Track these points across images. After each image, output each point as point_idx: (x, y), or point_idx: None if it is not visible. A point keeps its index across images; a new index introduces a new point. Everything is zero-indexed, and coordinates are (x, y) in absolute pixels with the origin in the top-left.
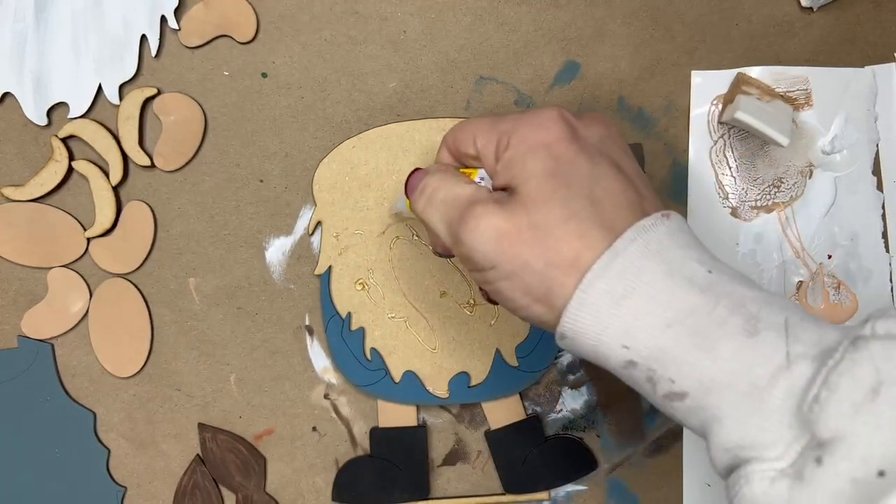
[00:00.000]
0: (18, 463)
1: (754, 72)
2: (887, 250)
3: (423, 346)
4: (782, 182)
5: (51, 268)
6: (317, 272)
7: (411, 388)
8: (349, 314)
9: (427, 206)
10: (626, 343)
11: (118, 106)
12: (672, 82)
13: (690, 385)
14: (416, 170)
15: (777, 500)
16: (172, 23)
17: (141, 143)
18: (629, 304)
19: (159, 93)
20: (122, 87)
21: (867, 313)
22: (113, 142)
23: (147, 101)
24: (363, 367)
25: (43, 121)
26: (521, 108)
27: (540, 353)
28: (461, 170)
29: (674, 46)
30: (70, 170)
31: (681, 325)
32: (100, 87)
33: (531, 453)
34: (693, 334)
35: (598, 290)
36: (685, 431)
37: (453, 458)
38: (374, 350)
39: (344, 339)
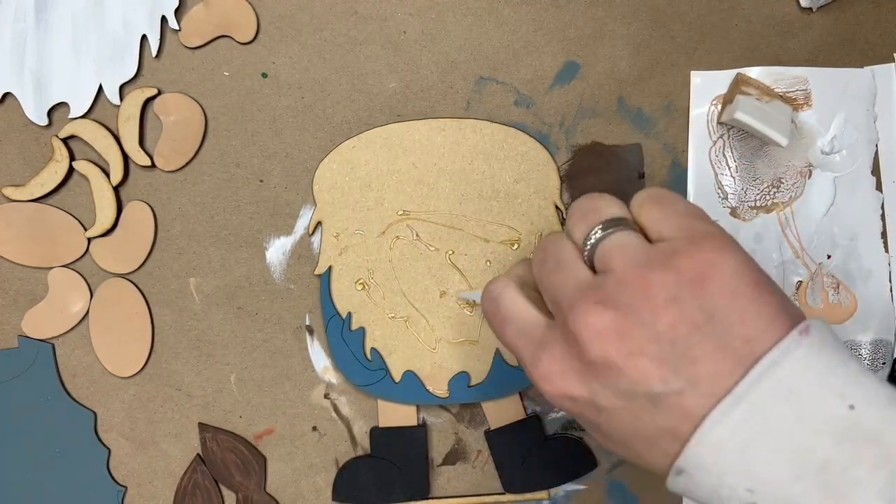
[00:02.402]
0: (18, 463)
1: (754, 72)
2: (886, 250)
3: (423, 346)
4: (782, 182)
5: (51, 268)
6: (317, 272)
7: (411, 388)
8: (349, 314)
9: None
10: (751, 487)
11: (118, 106)
12: (672, 82)
13: None
14: None
15: None
16: (173, 23)
17: (141, 143)
18: (754, 452)
19: (160, 93)
20: (122, 87)
21: None
22: (113, 142)
23: (147, 101)
24: (363, 367)
25: (43, 121)
26: (521, 109)
27: None
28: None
29: (674, 46)
30: (70, 170)
31: (811, 480)
32: (100, 88)
33: (531, 453)
34: (823, 491)
35: (717, 436)
36: None
37: (453, 457)
38: (374, 350)
39: (344, 338)
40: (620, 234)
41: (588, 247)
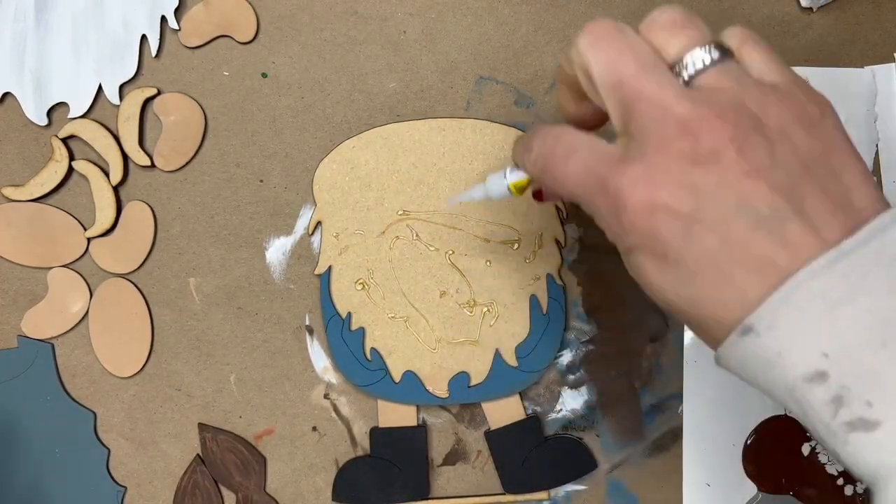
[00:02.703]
0: (18, 463)
1: None
2: None
3: (423, 346)
4: None
5: (51, 268)
6: (317, 272)
7: (411, 388)
8: (349, 314)
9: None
10: (828, 351)
11: (118, 106)
12: None
13: (891, 414)
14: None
15: None
16: (172, 23)
17: (141, 143)
18: (843, 312)
19: (159, 93)
20: (122, 87)
21: None
22: (113, 142)
23: (147, 101)
24: (363, 367)
25: (43, 121)
26: (521, 109)
27: (540, 353)
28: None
29: None
30: (70, 170)
31: None
32: (100, 87)
33: (531, 453)
34: None
35: (811, 289)
36: (685, 431)
37: (453, 457)
38: (374, 350)
39: (344, 339)
40: (731, 64)
41: (695, 66)
